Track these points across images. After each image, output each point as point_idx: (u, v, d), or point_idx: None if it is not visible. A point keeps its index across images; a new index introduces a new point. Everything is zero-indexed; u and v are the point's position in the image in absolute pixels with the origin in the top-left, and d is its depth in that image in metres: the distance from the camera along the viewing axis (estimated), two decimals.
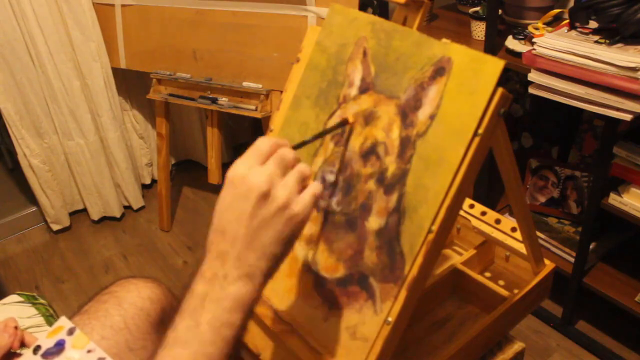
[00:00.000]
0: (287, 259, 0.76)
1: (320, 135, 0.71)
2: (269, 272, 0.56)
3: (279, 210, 0.54)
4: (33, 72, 1.85)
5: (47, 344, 0.79)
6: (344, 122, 0.71)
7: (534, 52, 1.20)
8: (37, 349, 0.79)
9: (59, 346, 0.78)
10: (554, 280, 0.93)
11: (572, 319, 1.56)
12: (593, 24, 1.18)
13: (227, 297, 0.53)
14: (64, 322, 0.81)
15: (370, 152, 0.70)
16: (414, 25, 0.71)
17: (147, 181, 2.32)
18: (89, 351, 0.77)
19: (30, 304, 1.07)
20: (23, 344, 0.88)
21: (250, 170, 0.54)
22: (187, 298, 0.54)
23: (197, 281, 0.54)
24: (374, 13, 1.96)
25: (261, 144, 0.56)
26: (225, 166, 2.28)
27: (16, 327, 0.87)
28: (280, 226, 0.54)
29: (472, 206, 0.99)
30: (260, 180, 0.53)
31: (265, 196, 0.53)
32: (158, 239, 2.08)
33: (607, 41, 1.13)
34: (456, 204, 0.63)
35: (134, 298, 0.86)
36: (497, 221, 0.95)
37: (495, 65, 0.59)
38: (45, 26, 1.79)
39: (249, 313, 0.54)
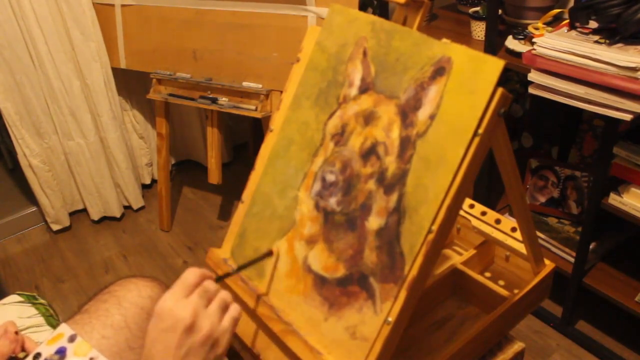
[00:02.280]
0: (287, 259, 0.77)
1: (243, 267, 0.78)
2: None
3: (203, 339, 0.59)
4: (33, 72, 1.85)
5: (47, 351, 0.78)
6: (268, 254, 0.78)
7: (534, 52, 1.20)
8: (37, 357, 0.78)
9: (60, 354, 0.78)
10: (554, 280, 0.93)
11: (572, 319, 1.56)
12: (593, 24, 1.18)
13: None
14: (64, 329, 0.81)
15: (370, 152, 0.70)
16: (414, 25, 0.71)
17: (147, 181, 2.32)
18: (91, 358, 0.77)
19: (30, 304, 1.07)
20: (23, 349, 0.88)
21: (177, 304, 0.59)
22: None
23: None
24: (374, 13, 1.97)
25: (188, 277, 0.61)
26: (225, 166, 2.29)
27: (16, 332, 0.87)
28: (205, 353, 0.59)
29: (472, 206, 0.99)
30: (185, 313, 0.58)
31: (190, 327, 0.58)
32: (158, 239, 2.08)
33: (607, 41, 1.13)
34: (456, 204, 0.63)
35: (134, 297, 0.86)
36: (497, 221, 0.95)
37: (495, 65, 0.59)
38: (45, 26, 1.79)
39: None
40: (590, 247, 1.41)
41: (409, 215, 0.65)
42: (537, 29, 1.36)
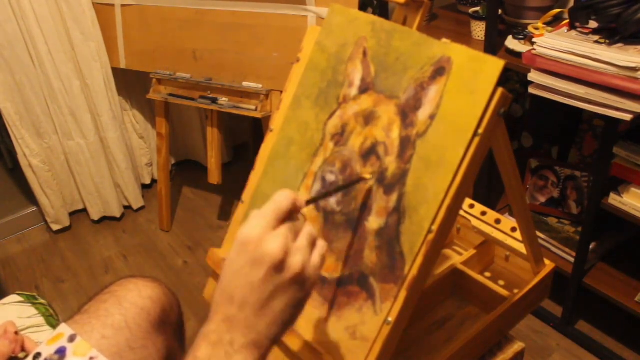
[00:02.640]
0: None
1: (336, 191, 0.70)
2: (277, 339, 0.54)
3: (294, 279, 0.52)
4: (33, 72, 1.85)
5: (47, 351, 0.78)
6: (360, 179, 0.70)
7: (534, 52, 1.20)
8: (37, 357, 0.78)
9: (60, 353, 0.78)
10: (554, 280, 0.93)
11: (572, 319, 1.56)
12: (593, 24, 1.18)
13: None
14: (64, 328, 0.81)
15: (370, 152, 0.70)
16: (414, 25, 0.71)
17: (147, 181, 2.32)
18: (91, 358, 0.77)
19: (30, 304, 1.07)
20: (23, 349, 0.88)
21: (266, 236, 0.52)
22: (189, 359, 0.52)
23: (201, 343, 0.52)
24: (374, 13, 1.97)
25: (282, 202, 0.54)
26: (225, 166, 2.28)
27: (16, 332, 0.87)
28: (293, 293, 0.53)
29: (472, 206, 0.99)
30: (275, 248, 0.51)
31: (279, 265, 0.52)
32: (158, 239, 2.08)
33: (607, 41, 1.13)
34: (456, 204, 0.63)
35: (134, 297, 0.86)
36: (497, 221, 0.95)
37: (495, 65, 0.59)
38: (45, 26, 1.79)
39: None
40: (590, 247, 1.41)
41: (409, 215, 0.65)
42: (537, 29, 1.36)
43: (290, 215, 0.55)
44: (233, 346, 0.51)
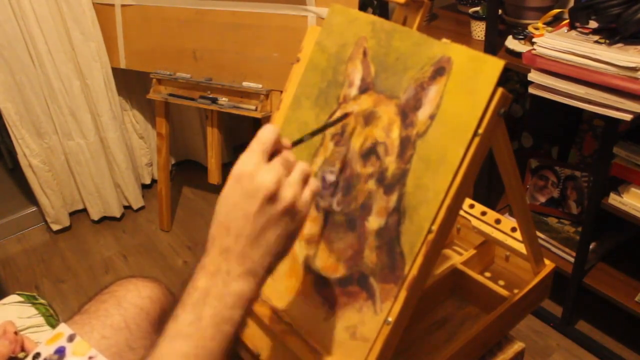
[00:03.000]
0: (287, 259, 0.76)
1: (319, 131, 0.70)
2: (270, 269, 0.57)
3: (285, 209, 0.55)
4: (33, 72, 1.85)
5: (47, 351, 0.78)
6: (344, 116, 0.71)
7: (534, 52, 1.20)
8: (36, 357, 0.78)
9: (60, 353, 0.78)
10: (554, 280, 0.93)
11: (572, 319, 1.56)
12: (593, 24, 1.18)
13: (230, 294, 0.54)
14: (63, 328, 0.81)
15: (370, 152, 0.70)
16: (414, 25, 0.71)
17: (147, 181, 2.32)
18: (90, 358, 0.77)
19: (30, 304, 1.07)
20: (22, 349, 0.88)
21: (259, 170, 0.54)
22: (188, 290, 0.55)
23: (199, 275, 0.55)
24: (374, 13, 1.96)
25: (265, 138, 0.56)
26: (225, 166, 2.28)
27: (16, 333, 0.87)
28: (285, 224, 0.55)
29: (472, 206, 0.99)
30: (268, 180, 0.54)
31: (272, 196, 0.54)
32: (158, 239, 2.08)
33: (607, 41, 1.13)
34: (456, 204, 0.63)
35: (134, 297, 0.86)
36: (497, 221, 0.95)
37: (495, 65, 0.59)
38: (45, 26, 1.79)
39: (248, 309, 0.55)
40: (590, 247, 1.41)
41: (409, 215, 0.65)
42: (537, 29, 1.36)
43: (277, 149, 0.57)
44: (230, 275, 0.54)
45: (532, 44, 1.23)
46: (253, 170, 0.54)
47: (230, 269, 0.54)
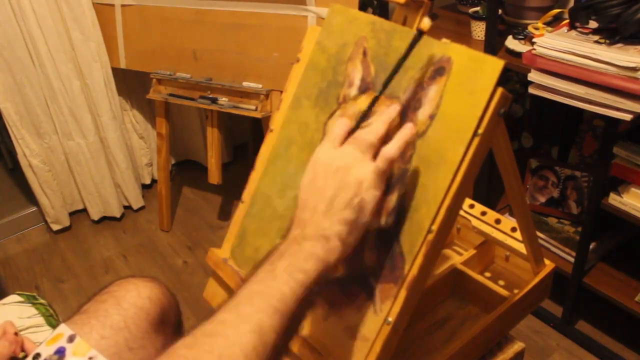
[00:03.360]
0: None
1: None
2: (345, 237, 0.60)
3: (344, 176, 0.61)
4: (33, 72, 1.85)
5: (47, 351, 0.78)
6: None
7: (534, 52, 1.20)
8: (36, 357, 0.78)
9: (60, 354, 0.78)
10: (554, 280, 0.93)
11: (572, 319, 1.56)
12: (593, 24, 1.17)
13: (302, 250, 0.58)
14: (63, 329, 0.81)
15: None
16: (414, 25, 0.71)
17: (147, 181, 2.32)
18: (90, 358, 0.77)
19: (30, 304, 1.07)
20: (22, 349, 0.87)
21: (332, 151, 0.62)
22: (268, 255, 0.60)
23: (281, 243, 0.61)
24: (374, 13, 1.96)
25: (339, 129, 0.64)
26: (225, 166, 2.28)
27: (16, 333, 0.87)
28: (349, 194, 0.60)
29: (472, 206, 0.99)
30: (339, 158, 0.61)
31: (338, 168, 0.61)
32: (158, 239, 2.08)
33: (607, 41, 1.13)
34: (456, 204, 0.63)
35: (133, 298, 0.86)
36: (497, 221, 0.95)
37: (495, 65, 0.59)
38: (45, 26, 1.79)
39: (323, 270, 0.58)
40: (590, 247, 1.41)
41: (409, 216, 0.65)
42: (537, 29, 1.36)
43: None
44: (304, 238, 0.60)
45: (532, 44, 1.23)
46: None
47: (305, 235, 0.60)
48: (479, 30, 1.59)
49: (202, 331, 0.53)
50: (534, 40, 1.22)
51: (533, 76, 1.23)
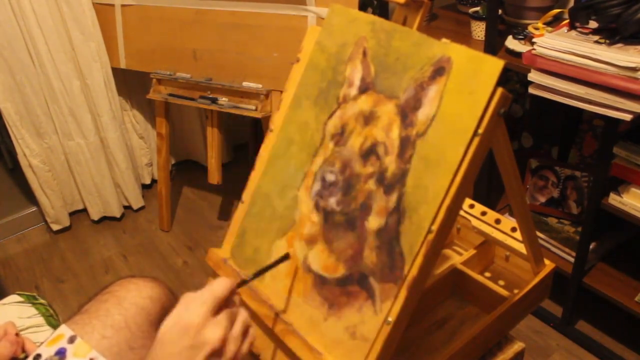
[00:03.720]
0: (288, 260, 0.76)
1: (261, 273, 0.72)
2: None
3: None
4: (33, 72, 1.85)
5: (47, 352, 0.78)
6: (284, 257, 0.74)
7: (534, 52, 1.20)
8: (37, 358, 0.78)
9: (60, 354, 0.78)
10: (554, 280, 0.93)
11: (572, 319, 1.56)
12: (593, 24, 1.18)
13: None
14: (64, 330, 0.81)
15: (370, 152, 0.70)
16: (414, 25, 0.71)
17: (147, 181, 2.32)
18: (90, 359, 0.77)
19: (30, 304, 1.07)
20: (23, 350, 0.87)
21: (207, 323, 0.57)
22: None
23: None
24: (374, 13, 1.97)
25: (218, 290, 0.60)
26: (225, 166, 2.28)
27: (17, 334, 0.87)
28: None
29: (472, 206, 0.99)
30: (216, 337, 0.57)
31: (218, 352, 0.57)
32: (158, 239, 2.08)
33: (607, 41, 1.13)
34: (456, 204, 0.63)
35: (134, 297, 0.86)
36: (497, 221, 0.95)
37: (494, 65, 0.59)
38: (45, 26, 1.79)
39: None
40: (590, 247, 1.41)
41: (408, 215, 0.65)
42: (537, 29, 1.36)
43: (228, 300, 0.61)
44: None
45: (532, 44, 1.23)
46: (201, 323, 0.57)
47: None
48: (479, 30, 1.59)
49: None
50: (534, 40, 1.22)
51: (533, 76, 1.23)
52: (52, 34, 1.80)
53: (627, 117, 1.11)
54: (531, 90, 1.25)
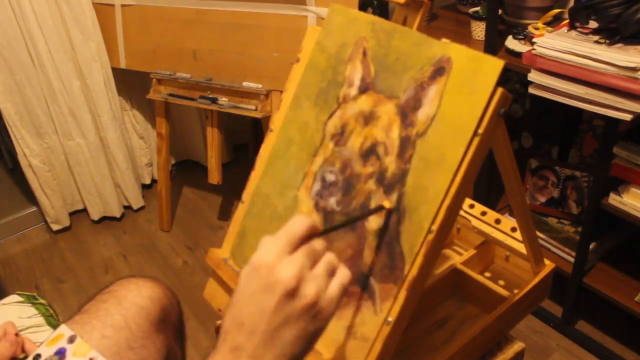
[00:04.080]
0: None
1: (353, 221, 0.68)
2: None
3: (306, 308, 0.50)
4: (33, 72, 1.85)
5: (47, 352, 0.78)
6: (379, 208, 0.68)
7: (534, 52, 1.20)
8: (37, 358, 0.78)
9: (60, 354, 0.78)
10: (554, 280, 0.93)
11: (572, 319, 1.56)
12: (593, 24, 1.18)
13: None
14: (64, 330, 0.81)
15: (370, 152, 0.70)
16: (414, 25, 0.71)
17: (147, 181, 2.32)
18: (90, 359, 0.77)
19: (30, 304, 1.07)
20: (23, 350, 0.88)
21: (280, 262, 0.50)
22: None
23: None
24: (374, 13, 1.96)
25: (295, 228, 0.52)
26: (225, 166, 2.28)
27: (17, 334, 0.87)
28: (305, 324, 0.50)
29: (472, 206, 0.99)
30: (289, 274, 0.49)
31: (293, 292, 0.49)
32: (158, 239, 2.08)
33: (607, 41, 1.13)
34: (456, 204, 0.63)
35: (134, 297, 0.86)
36: (497, 221, 0.95)
37: (494, 65, 0.59)
38: (45, 26, 1.79)
39: None
40: (590, 247, 1.41)
41: (408, 215, 0.65)
42: (537, 29, 1.36)
43: (306, 241, 0.52)
44: None
45: (532, 44, 1.23)
46: (274, 261, 0.50)
47: None
48: (479, 30, 1.59)
49: None
50: (534, 40, 1.22)
51: (533, 76, 1.23)
52: (52, 34, 1.80)
53: (627, 117, 1.11)
54: (531, 90, 1.25)
